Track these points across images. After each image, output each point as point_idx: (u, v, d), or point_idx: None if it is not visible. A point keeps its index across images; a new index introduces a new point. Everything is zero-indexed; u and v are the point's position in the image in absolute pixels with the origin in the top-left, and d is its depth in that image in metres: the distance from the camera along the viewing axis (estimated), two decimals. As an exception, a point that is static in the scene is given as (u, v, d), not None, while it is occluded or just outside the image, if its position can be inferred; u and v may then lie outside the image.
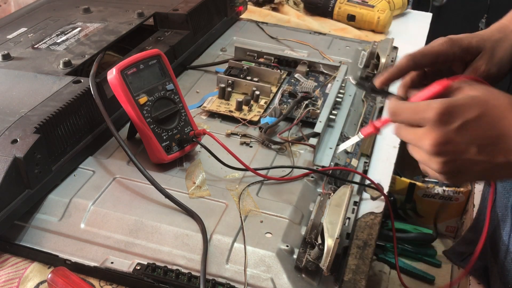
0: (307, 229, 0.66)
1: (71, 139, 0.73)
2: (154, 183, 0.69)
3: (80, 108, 0.74)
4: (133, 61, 0.72)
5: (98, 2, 1.06)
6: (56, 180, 0.71)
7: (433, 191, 1.30)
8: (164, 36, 0.99)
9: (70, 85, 0.76)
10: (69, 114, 0.72)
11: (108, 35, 0.92)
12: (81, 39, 0.91)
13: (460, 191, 1.27)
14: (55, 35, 0.93)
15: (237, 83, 0.92)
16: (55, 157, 0.70)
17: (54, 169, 0.70)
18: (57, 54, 0.86)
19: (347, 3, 1.32)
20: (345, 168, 0.79)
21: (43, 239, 0.65)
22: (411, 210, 1.35)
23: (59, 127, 0.71)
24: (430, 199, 1.31)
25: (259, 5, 1.37)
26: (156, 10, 1.02)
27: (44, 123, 0.68)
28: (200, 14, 1.05)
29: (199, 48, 1.07)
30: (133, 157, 0.71)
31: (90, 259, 0.63)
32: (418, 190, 1.31)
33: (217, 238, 0.64)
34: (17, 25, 0.98)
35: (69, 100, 0.73)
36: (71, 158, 0.73)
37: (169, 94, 0.75)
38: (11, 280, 0.62)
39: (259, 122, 0.86)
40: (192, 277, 0.60)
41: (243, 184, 0.73)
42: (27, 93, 0.75)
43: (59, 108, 0.71)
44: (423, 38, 1.28)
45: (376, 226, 0.72)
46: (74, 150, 0.74)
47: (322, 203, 0.69)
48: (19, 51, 0.87)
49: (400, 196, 1.32)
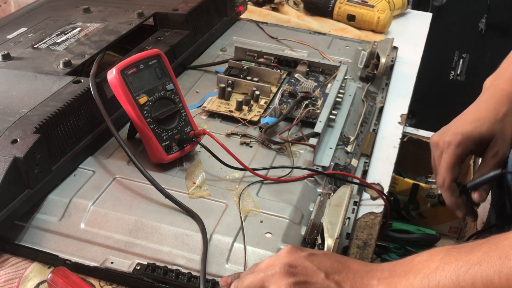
0: (307, 229, 0.66)
1: (71, 139, 0.73)
2: (154, 183, 0.69)
3: (80, 108, 0.74)
4: (133, 61, 0.72)
5: (98, 2, 1.06)
6: (56, 180, 0.70)
7: (437, 191, 1.28)
8: (164, 36, 0.99)
9: (70, 85, 0.76)
10: (69, 114, 0.72)
11: (108, 35, 0.92)
12: (81, 39, 0.91)
13: None
14: (55, 35, 0.93)
15: (237, 83, 0.92)
16: (55, 157, 0.70)
17: (54, 169, 0.70)
18: (57, 54, 0.86)
19: (347, 3, 1.32)
20: (344, 173, 0.79)
21: (43, 239, 0.65)
22: (414, 211, 1.35)
23: (59, 127, 0.71)
24: (433, 200, 1.31)
25: (259, 5, 1.37)
26: (156, 10, 1.02)
27: (44, 123, 0.68)
28: (200, 14, 1.05)
29: (199, 48, 1.07)
30: (133, 157, 0.71)
31: (90, 259, 0.63)
32: (422, 191, 1.30)
33: (217, 238, 0.64)
34: (17, 25, 0.98)
35: (69, 100, 0.72)
36: (71, 158, 0.73)
37: (169, 94, 0.75)
38: (11, 280, 0.62)
39: (259, 122, 0.86)
40: (192, 277, 0.60)
41: (243, 184, 0.73)
42: (27, 93, 0.75)
43: (59, 108, 0.71)
44: (423, 38, 1.28)
45: (376, 226, 0.72)
46: (74, 150, 0.74)
47: (322, 203, 0.69)
48: (19, 51, 0.87)
49: (403, 196, 1.32)
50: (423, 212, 1.34)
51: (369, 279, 0.54)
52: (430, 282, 0.49)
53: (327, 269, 0.55)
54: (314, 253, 0.57)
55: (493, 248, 0.47)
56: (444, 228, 1.36)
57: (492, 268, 0.46)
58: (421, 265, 0.51)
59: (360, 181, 0.79)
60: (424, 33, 1.31)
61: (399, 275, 0.52)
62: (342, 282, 0.54)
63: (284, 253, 0.57)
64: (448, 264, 0.49)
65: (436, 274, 0.49)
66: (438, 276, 0.49)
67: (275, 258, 0.57)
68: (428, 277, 0.50)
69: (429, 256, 0.52)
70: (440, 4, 1.97)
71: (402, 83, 1.09)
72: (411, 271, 0.52)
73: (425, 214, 1.35)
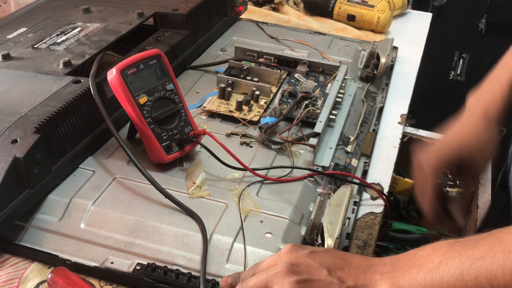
0: (307, 229, 0.66)
1: (71, 139, 0.73)
2: (154, 183, 0.69)
3: (80, 108, 0.74)
4: (133, 61, 0.72)
5: (98, 2, 1.06)
6: (56, 180, 0.70)
7: None
8: (164, 36, 0.99)
9: (70, 85, 0.76)
10: (69, 114, 0.72)
11: (108, 35, 0.92)
12: (81, 39, 0.91)
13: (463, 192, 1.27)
14: (55, 35, 0.93)
15: (237, 83, 0.92)
16: (55, 157, 0.70)
17: (54, 169, 0.70)
18: (57, 54, 0.86)
19: (347, 3, 1.32)
20: (344, 173, 0.79)
21: (43, 239, 0.65)
22: (414, 211, 1.35)
23: (59, 127, 0.71)
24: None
25: (259, 5, 1.37)
26: (156, 10, 1.02)
27: (44, 123, 0.68)
28: (200, 14, 1.05)
29: (199, 48, 1.07)
30: (133, 157, 0.71)
31: (90, 259, 0.63)
32: (422, 191, 1.31)
33: (217, 238, 0.64)
34: (17, 25, 0.98)
35: (69, 100, 0.72)
36: (71, 158, 0.73)
37: (169, 94, 0.75)
38: (11, 280, 0.62)
39: (259, 122, 0.86)
40: (192, 277, 0.60)
41: (243, 184, 0.73)
42: (27, 93, 0.75)
43: (59, 108, 0.71)
44: (423, 38, 1.28)
45: (376, 226, 0.72)
46: (74, 150, 0.74)
47: (322, 203, 0.69)
48: (19, 51, 0.87)
49: (404, 196, 1.32)
50: (423, 212, 1.34)
51: (372, 273, 0.54)
52: (433, 277, 0.50)
53: (329, 266, 0.55)
54: (315, 250, 0.57)
55: (496, 242, 0.48)
56: (444, 228, 1.36)
57: (495, 263, 0.46)
58: (424, 260, 0.52)
59: (360, 181, 0.79)
60: (424, 33, 1.31)
61: (402, 269, 0.53)
62: (345, 277, 0.54)
63: (285, 252, 0.57)
64: (451, 259, 0.49)
65: (440, 269, 0.50)
66: (441, 271, 0.50)
67: (277, 258, 0.57)
68: (432, 272, 0.50)
69: (432, 250, 0.52)
70: (440, 4, 1.97)
71: (402, 83, 1.09)
72: (414, 265, 0.52)
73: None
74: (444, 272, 0.49)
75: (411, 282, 0.51)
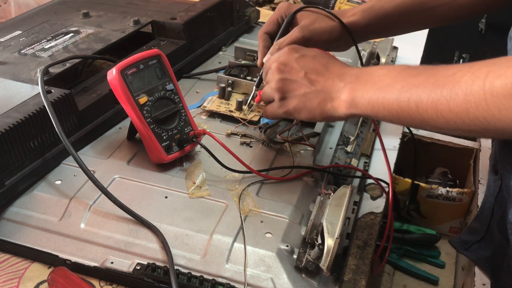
0: (307, 229, 0.66)
1: (31, 153, 0.69)
2: (104, 191, 0.66)
3: (46, 121, 0.70)
4: (133, 61, 0.72)
5: (102, 7, 1.05)
6: (9, 196, 0.67)
7: (437, 192, 1.29)
8: (159, 45, 0.96)
9: (39, 95, 0.72)
10: (30, 127, 0.68)
11: (97, 43, 0.90)
12: (68, 46, 0.89)
13: (464, 192, 1.27)
14: (46, 40, 0.91)
15: (237, 83, 0.92)
16: (10, 171, 0.67)
17: (8, 183, 0.66)
18: (40, 61, 0.83)
19: (347, 3, 1.32)
20: (344, 165, 0.79)
21: (43, 239, 0.65)
22: (414, 211, 1.35)
23: (17, 140, 0.67)
24: (433, 200, 1.31)
25: (259, 5, 1.37)
26: (154, 18, 0.98)
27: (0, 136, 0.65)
28: (200, 23, 1.01)
29: (197, 59, 1.02)
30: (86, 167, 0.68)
31: (90, 259, 0.63)
32: (422, 191, 1.31)
33: (217, 238, 0.64)
34: (15, 27, 0.96)
35: (31, 112, 0.69)
36: (29, 173, 0.69)
37: (169, 94, 0.75)
38: (11, 280, 0.62)
39: (259, 122, 0.86)
40: (192, 277, 0.60)
41: (243, 184, 0.73)
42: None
43: (19, 120, 0.67)
44: (423, 37, 1.28)
45: (376, 226, 0.72)
46: (33, 164, 0.70)
47: (322, 203, 0.69)
48: (5, 56, 0.85)
49: (404, 197, 1.32)
50: (423, 211, 1.34)
51: (339, 81, 0.63)
52: (379, 95, 0.59)
53: (309, 70, 0.65)
54: (305, 54, 0.67)
55: (432, 76, 0.56)
56: (444, 228, 1.36)
57: (424, 92, 0.55)
58: (378, 78, 0.60)
59: (363, 173, 0.79)
60: (424, 33, 1.31)
61: (360, 82, 0.62)
62: (316, 82, 0.64)
63: (283, 52, 0.68)
64: (397, 83, 0.58)
65: (387, 89, 0.59)
66: (387, 91, 0.59)
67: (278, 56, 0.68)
68: (380, 90, 0.60)
69: (387, 71, 0.61)
70: (440, 4, 1.97)
71: (402, 83, 1.08)
72: (370, 81, 0.61)
73: (425, 214, 1.35)
74: (387, 92, 0.59)
75: (363, 94, 0.61)
